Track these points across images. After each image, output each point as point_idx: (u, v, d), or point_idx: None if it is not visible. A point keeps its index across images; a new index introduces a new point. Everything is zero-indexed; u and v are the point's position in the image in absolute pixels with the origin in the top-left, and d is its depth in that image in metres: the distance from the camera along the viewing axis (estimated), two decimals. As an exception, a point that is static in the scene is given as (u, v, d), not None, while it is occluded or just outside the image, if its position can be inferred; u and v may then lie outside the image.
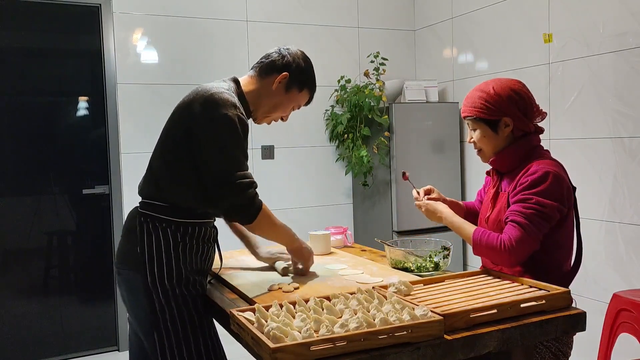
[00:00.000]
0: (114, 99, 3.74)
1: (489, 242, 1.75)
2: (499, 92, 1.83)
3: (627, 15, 2.92)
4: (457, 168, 4.13)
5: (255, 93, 1.88)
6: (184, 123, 1.74)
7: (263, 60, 1.91)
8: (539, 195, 1.72)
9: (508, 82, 1.86)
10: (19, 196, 3.63)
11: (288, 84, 1.89)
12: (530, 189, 1.74)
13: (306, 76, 1.93)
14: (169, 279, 1.72)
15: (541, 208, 1.71)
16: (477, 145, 1.93)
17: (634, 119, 2.92)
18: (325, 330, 1.25)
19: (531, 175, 1.75)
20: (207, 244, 1.84)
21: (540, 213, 1.71)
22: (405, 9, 4.58)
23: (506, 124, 1.84)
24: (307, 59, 1.95)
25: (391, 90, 4.10)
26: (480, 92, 1.86)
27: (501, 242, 1.72)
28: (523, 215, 1.72)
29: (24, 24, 3.61)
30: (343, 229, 2.55)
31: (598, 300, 3.09)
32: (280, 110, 1.94)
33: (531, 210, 1.71)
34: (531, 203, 1.72)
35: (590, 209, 3.15)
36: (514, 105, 1.82)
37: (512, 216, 1.74)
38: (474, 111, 1.86)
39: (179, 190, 1.76)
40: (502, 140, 1.86)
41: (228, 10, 4.00)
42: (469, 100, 1.89)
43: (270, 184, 4.11)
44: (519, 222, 1.71)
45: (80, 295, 3.79)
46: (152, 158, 1.85)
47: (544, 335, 1.45)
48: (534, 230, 1.70)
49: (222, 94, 1.73)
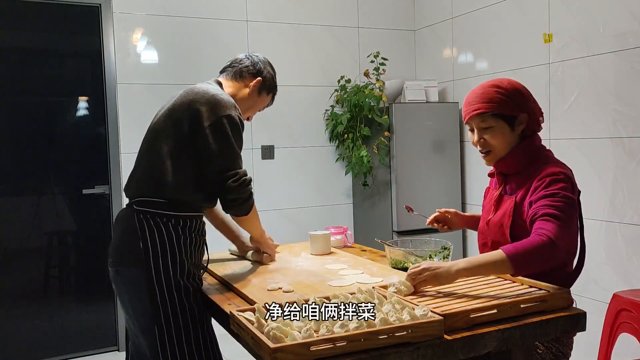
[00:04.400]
0: (114, 99, 3.74)
1: (527, 246, 1.53)
2: (516, 86, 1.76)
3: (627, 15, 2.92)
4: (457, 168, 4.13)
5: (232, 95, 2.02)
6: (189, 122, 1.83)
7: (236, 65, 2.08)
8: (564, 190, 1.65)
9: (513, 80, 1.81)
10: (19, 196, 3.63)
11: (260, 88, 2.08)
12: (553, 185, 1.66)
13: (274, 82, 2.14)
14: (174, 272, 1.78)
15: (569, 200, 1.64)
16: (487, 146, 1.79)
17: (634, 119, 2.92)
18: (325, 330, 1.25)
19: (551, 176, 1.68)
20: (201, 237, 1.93)
21: (569, 205, 1.63)
22: (405, 9, 4.58)
23: (521, 122, 1.76)
24: (273, 66, 2.16)
25: (391, 90, 4.10)
26: (495, 87, 1.76)
27: (540, 239, 1.53)
28: (555, 207, 1.61)
29: (24, 24, 3.61)
30: (343, 229, 2.55)
31: (598, 300, 3.09)
32: (250, 112, 2.13)
33: (561, 203, 1.62)
34: (559, 197, 1.63)
35: (590, 209, 3.14)
36: (530, 101, 1.77)
37: (542, 210, 1.61)
38: (491, 106, 1.73)
39: (183, 185, 1.84)
40: (515, 139, 1.78)
41: (228, 10, 4.00)
42: (482, 97, 1.76)
43: (270, 184, 4.11)
44: (552, 214, 1.59)
45: (80, 295, 3.79)
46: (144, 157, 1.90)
47: (544, 335, 1.45)
48: (568, 221, 1.61)
49: (223, 95, 1.88)
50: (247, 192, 1.87)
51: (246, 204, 1.89)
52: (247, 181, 1.86)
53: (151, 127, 1.93)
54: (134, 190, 1.89)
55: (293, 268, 2.08)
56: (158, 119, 1.92)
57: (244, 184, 1.85)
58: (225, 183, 1.82)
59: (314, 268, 2.06)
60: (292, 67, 4.17)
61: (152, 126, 1.93)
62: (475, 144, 1.82)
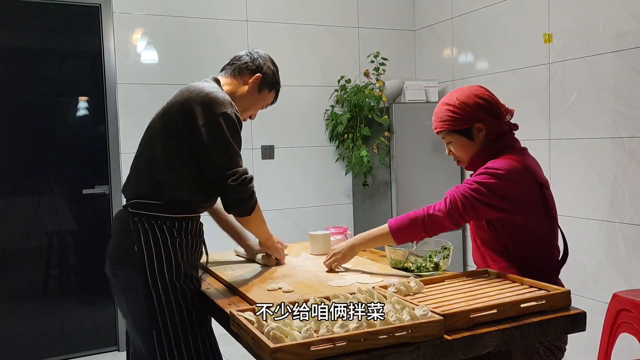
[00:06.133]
0: (114, 99, 3.74)
1: (406, 219, 1.84)
2: (464, 101, 1.85)
3: (627, 15, 2.92)
4: (457, 168, 4.13)
5: (231, 93, 1.99)
6: (185, 122, 1.79)
7: (235, 62, 2.05)
8: (481, 184, 1.75)
9: (470, 89, 1.89)
10: (19, 196, 3.63)
11: (261, 85, 2.03)
12: (476, 177, 1.78)
13: (275, 78, 2.08)
14: (170, 275, 1.75)
15: (475, 193, 1.75)
16: (455, 156, 1.97)
17: (634, 119, 2.92)
18: (325, 330, 1.25)
19: (484, 169, 1.79)
20: (198, 238, 1.90)
21: (470, 195, 1.76)
22: (405, 9, 4.58)
23: (479, 129, 1.86)
24: (274, 62, 2.11)
25: (391, 90, 4.10)
26: (446, 105, 1.89)
27: (419, 213, 1.82)
28: (455, 191, 1.79)
29: (24, 24, 3.61)
30: (343, 229, 2.55)
31: (598, 300, 3.09)
32: (251, 109, 2.07)
33: (465, 191, 1.77)
34: (469, 185, 1.77)
35: (590, 209, 3.15)
36: (481, 109, 1.84)
37: (447, 192, 1.82)
38: (444, 125, 1.89)
39: (180, 186, 1.81)
40: (478, 145, 1.89)
41: (228, 10, 4.00)
42: (437, 116, 1.92)
43: (270, 184, 4.11)
44: (448, 195, 1.80)
45: (80, 295, 3.79)
46: (141, 158, 1.88)
47: (544, 335, 1.45)
48: (456, 203, 1.77)
49: (218, 93, 1.84)
50: (248, 191, 1.81)
51: (248, 203, 1.83)
52: (248, 180, 1.81)
53: (148, 127, 1.91)
54: (130, 191, 1.87)
55: (293, 268, 2.08)
56: (154, 118, 1.90)
57: (244, 183, 1.79)
58: (224, 182, 1.77)
59: (314, 268, 2.06)
60: (292, 67, 4.17)
61: (148, 126, 1.91)
62: (448, 154, 2.00)
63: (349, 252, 1.99)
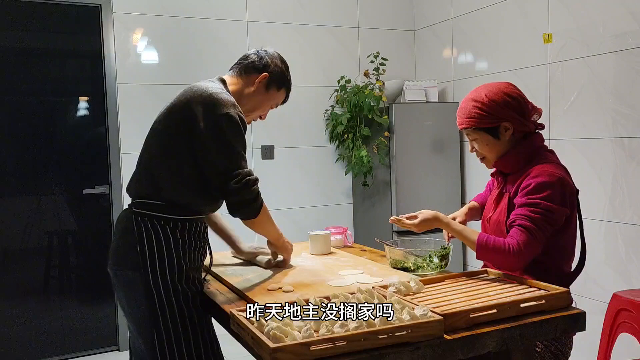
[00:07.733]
0: (114, 99, 3.75)
1: (497, 245, 1.71)
2: (493, 98, 1.80)
3: (627, 15, 2.93)
4: (457, 168, 4.13)
5: (238, 92, 1.95)
6: (185, 122, 1.77)
7: (242, 62, 2.01)
8: (546, 199, 1.70)
9: (499, 85, 1.84)
10: (19, 196, 3.63)
11: (268, 84, 1.98)
12: (536, 193, 1.71)
13: (284, 76, 2.04)
14: (171, 276, 1.74)
15: (548, 213, 1.69)
16: (479, 153, 1.91)
17: (634, 119, 2.92)
18: (325, 330, 1.25)
19: (535, 179, 1.73)
20: (202, 240, 1.87)
21: (547, 218, 1.69)
22: (405, 9, 4.58)
23: (506, 128, 1.82)
24: (284, 60, 2.07)
25: (391, 91, 4.10)
26: (473, 102, 1.83)
27: (509, 246, 1.69)
28: (530, 219, 1.70)
29: (24, 24, 3.61)
30: (343, 229, 2.55)
31: (598, 300, 3.09)
32: (260, 109, 2.03)
33: (538, 215, 1.69)
34: (539, 208, 1.70)
35: (590, 209, 3.15)
36: (509, 108, 1.80)
37: (518, 220, 1.71)
38: (471, 122, 1.83)
39: (178, 187, 1.78)
40: (504, 144, 1.85)
41: (228, 10, 4.00)
42: (463, 112, 1.87)
43: (270, 184, 4.11)
44: (526, 226, 1.69)
45: (80, 295, 3.79)
46: (143, 157, 1.87)
47: (543, 335, 1.45)
48: (540, 236, 1.69)
49: (221, 94, 1.79)
50: (253, 193, 1.75)
51: (252, 206, 1.77)
52: (252, 181, 1.74)
53: (151, 127, 1.89)
54: (134, 191, 1.85)
55: (293, 268, 2.08)
56: (157, 118, 1.88)
57: (248, 185, 1.73)
58: (227, 185, 1.72)
59: (314, 268, 2.06)
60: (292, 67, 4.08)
61: (152, 126, 1.88)
62: (471, 151, 1.95)
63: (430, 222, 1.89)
